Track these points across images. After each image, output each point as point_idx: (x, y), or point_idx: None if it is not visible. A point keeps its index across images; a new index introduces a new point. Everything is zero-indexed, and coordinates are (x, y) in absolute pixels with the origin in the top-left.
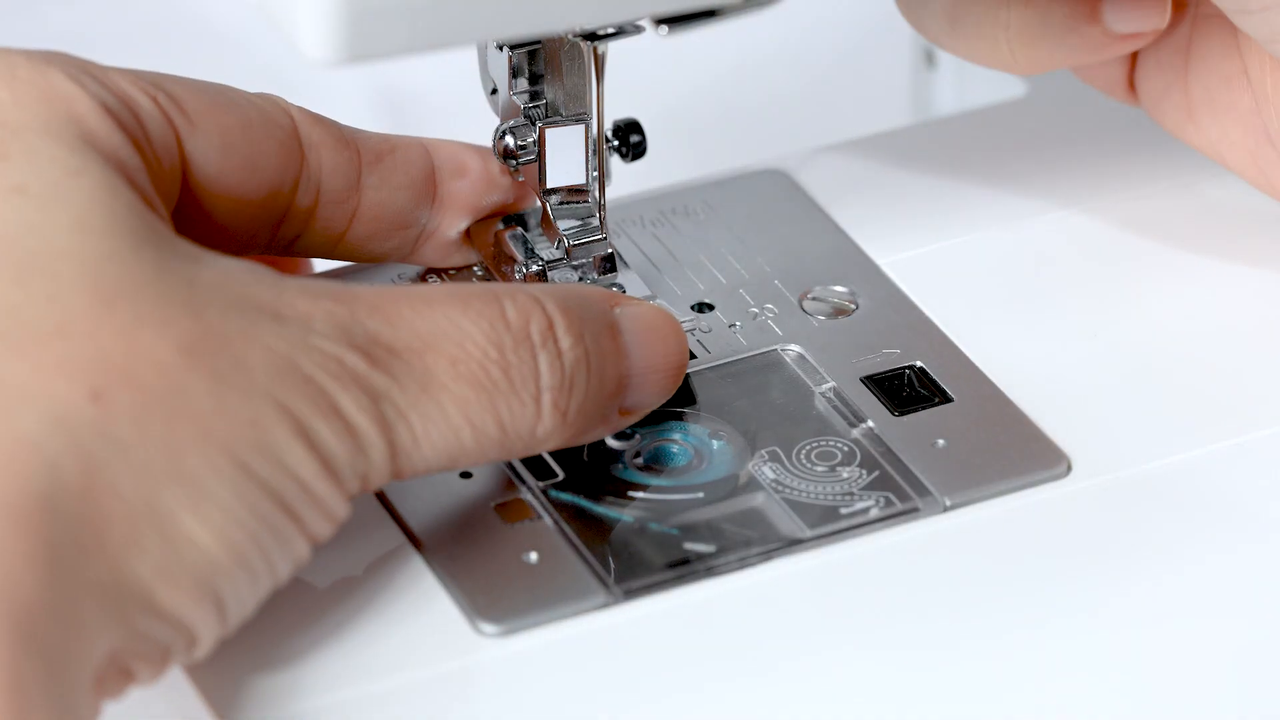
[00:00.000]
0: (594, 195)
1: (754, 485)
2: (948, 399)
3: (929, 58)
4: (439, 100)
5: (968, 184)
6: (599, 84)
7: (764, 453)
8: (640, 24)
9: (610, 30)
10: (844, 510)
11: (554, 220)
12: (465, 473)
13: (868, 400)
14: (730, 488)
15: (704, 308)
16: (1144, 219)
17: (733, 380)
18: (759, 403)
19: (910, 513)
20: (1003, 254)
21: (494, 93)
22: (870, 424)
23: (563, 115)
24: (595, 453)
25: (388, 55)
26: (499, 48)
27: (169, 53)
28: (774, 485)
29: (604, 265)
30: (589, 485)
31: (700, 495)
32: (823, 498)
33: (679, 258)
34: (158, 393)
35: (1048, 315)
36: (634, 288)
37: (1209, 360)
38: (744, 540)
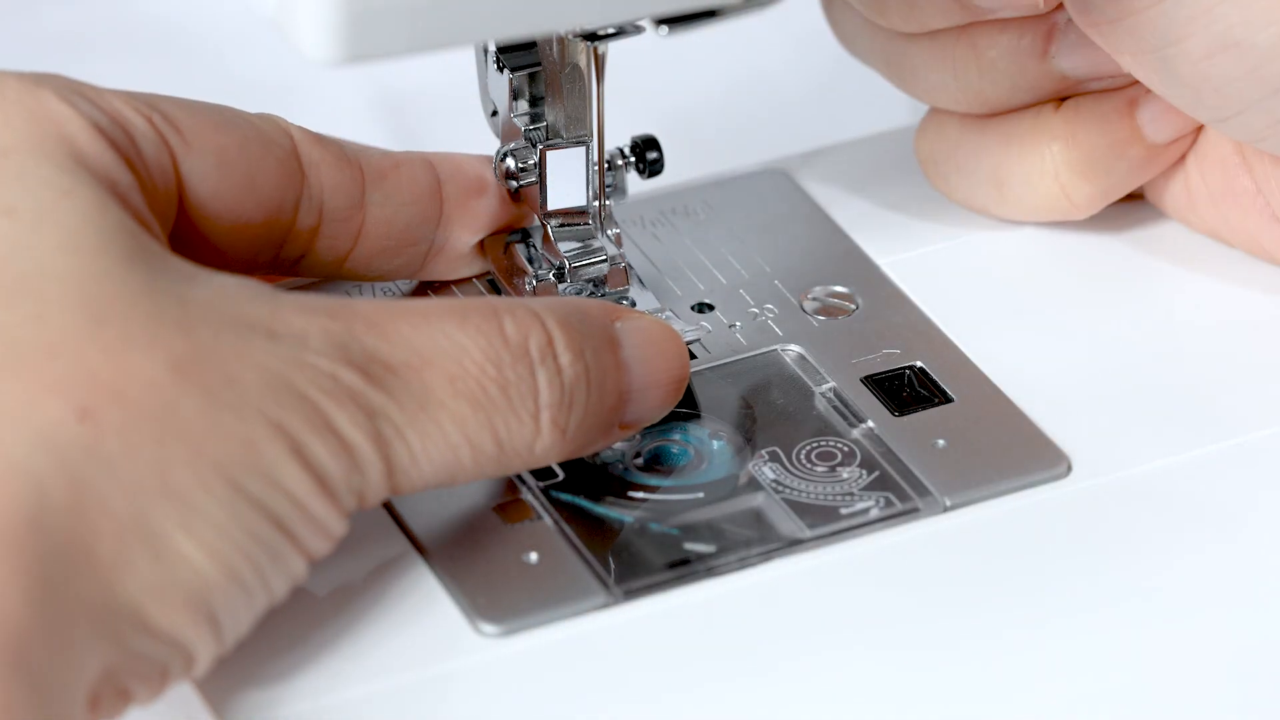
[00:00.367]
0: (594, 207)
1: (754, 485)
2: (948, 399)
3: None
4: (439, 101)
5: None
6: (599, 85)
7: (764, 453)
8: (640, 24)
9: (610, 30)
10: (844, 510)
11: (555, 241)
12: None
13: (868, 400)
14: (730, 488)
15: (704, 308)
16: (1145, 219)
17: (733, 380)
18: (759, 403)
19: (910, 513)
20: (1003, 254)
21: (494, 114)
22: (870, 424)
23: (563, 138)
24: (596, 454)
25: (388, 55)
26: (499, 69)
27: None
28: (774, 485)
29: (618, 279)
30: (589, 486)
31: (700, 495)
32: (823, 498)
33: (679, 258)
34: (147, 411)
35: (1048, 315)
36: (644, 302)
37: (1209, 361)
38: (744, 540)
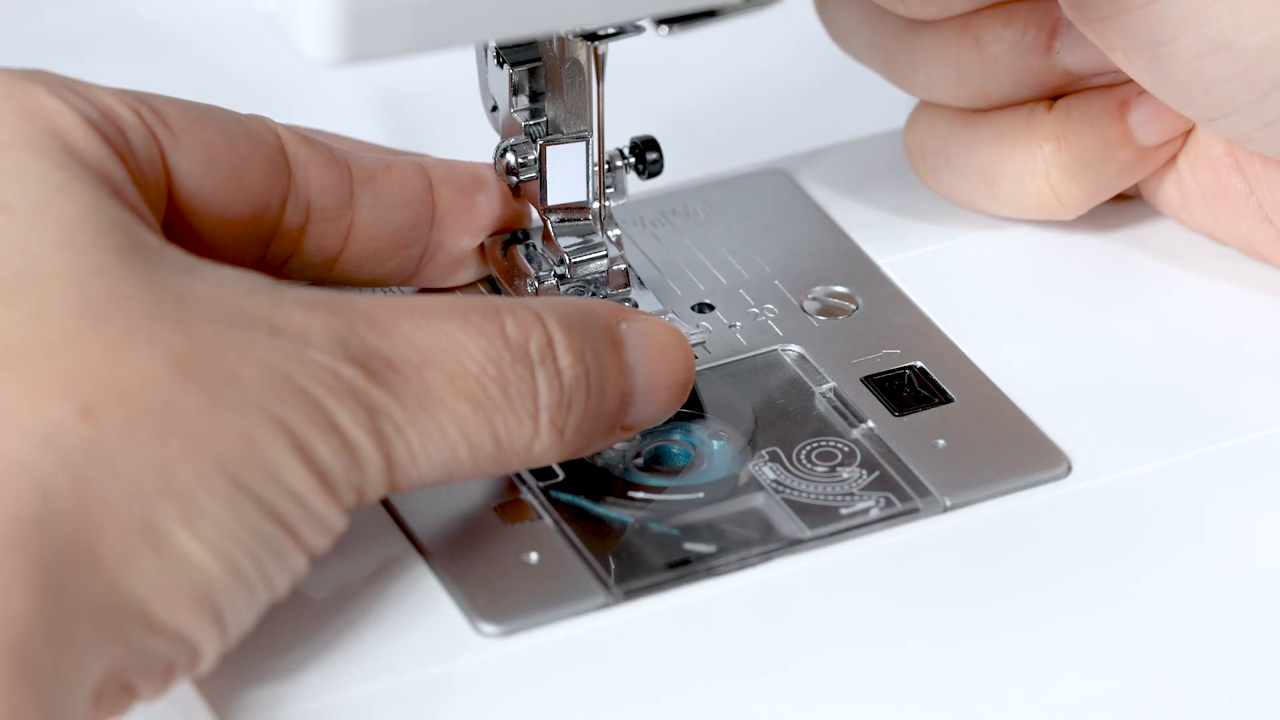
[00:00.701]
0: (593, 205)
1: (754, 485)
2: (948, 399)
3: None
4: (439, 101)
5: None
6: (599, 84)
7: (764, 453)
8: (640, 24)
9: (610, 30)
10: (844, 511)
11: (555, 237)
12: None
13: (868, 400)
14: (730, 488)
15: (704, 308)
16: (1145, 219)
17: (733, 380)
18: (759, 403)
19: (910, 513)
20: (1003, 254)
21: (494, 110)
22: (870, 424)
23: (563, 133)
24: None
25: (388, 55)
26: (499, 64)
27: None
28: (774, 485)
29: (618, 280)
30: (589, 486)
31: (700, 495)
32: (823, 498)
33: (679, 258)
34: (148, 408)
35: (1048, 315)
36: (646, 303)
37: (1210, 361)
38: (744, 541)
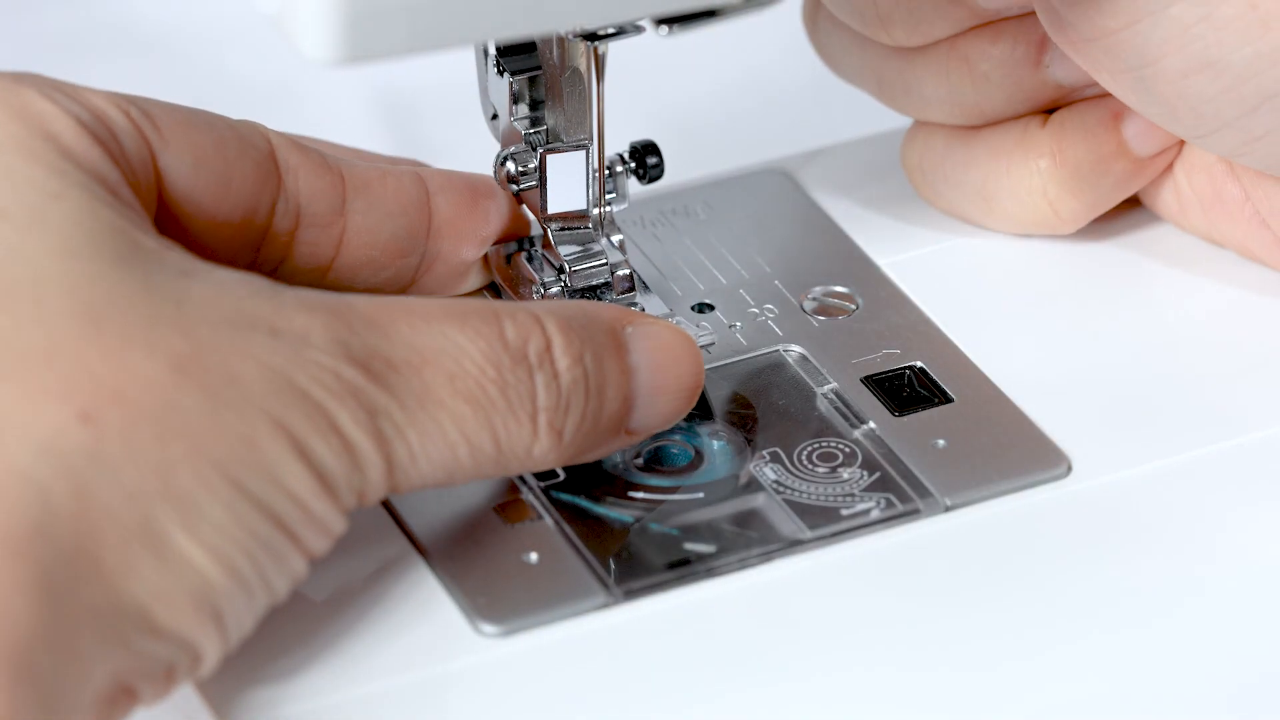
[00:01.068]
0: (594, 211)
1: (755, 486)
2: (948, 399)
3: None
4: (439, 101)
5: None
6: (599, 85)
7: (765, 453)
8: (640, 24)
9: (610, 30)
10: (845, 511)
11: (555, 245)
12: None
13: (868, 400)
14: (731, 488)
15: (704, 308)
16: (1145, 220)
17: (733, 381)
18: (760, 403)
19: (911, 514)
20: (1003, 254)
21: (494, 118)
22: (871, 425)
23: (564, 141)
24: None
25: (388, 55)
26: (499, 73)
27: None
28: (775, 486)
29: (623, 285)
30: (589, 486)
31: (701, 496)
32: (824, 499)
33: (679, 258)
34: (148, 411)
35: (1048, 315)
36: (652, 307)
37: (1210, 361)
38: (744, 541)
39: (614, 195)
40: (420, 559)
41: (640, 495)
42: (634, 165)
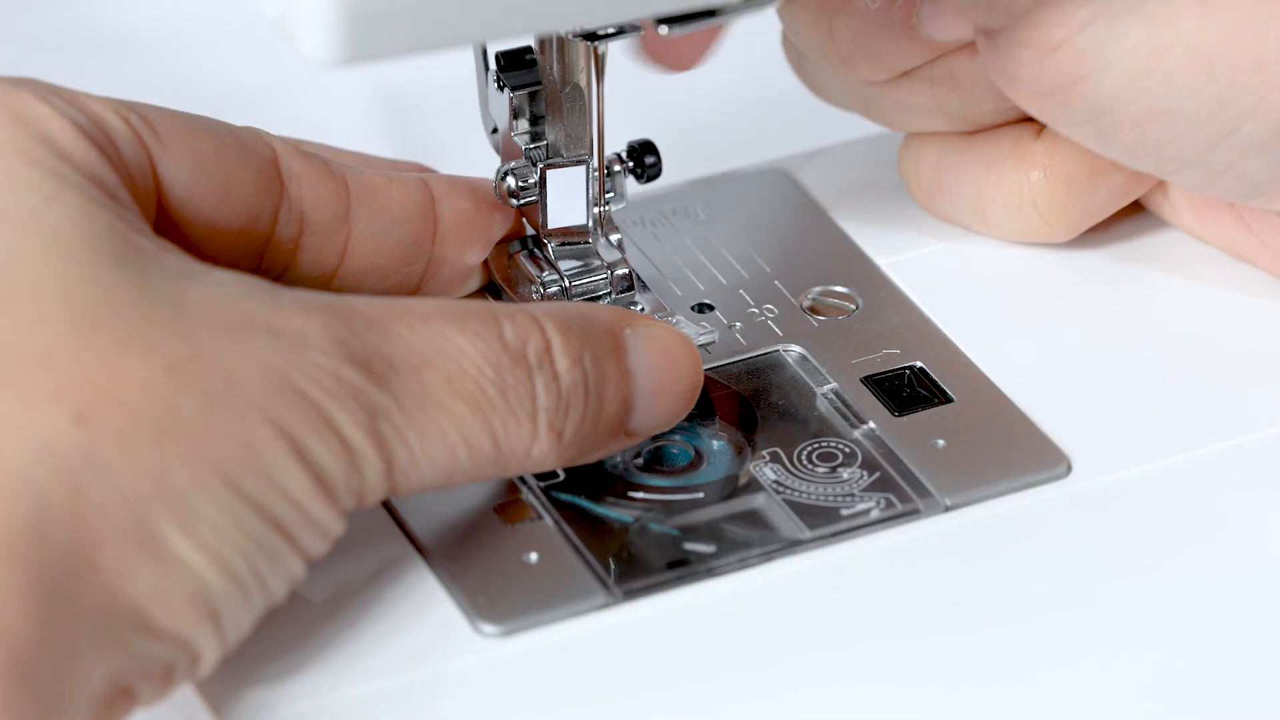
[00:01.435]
0: (594, 214)
1: (755, 486)
2: (948, 399)
3: None
4: (439, 101)
5: None
6: (599, 85)
7: (765, 453)
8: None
9: (610, 30)
10: (845, 511)
11: (554, 260)
12: None
13: (868, 400)
14: (731, 488)
15: (704, 308)
16: (1145, 221)
17: (733, 381)
18: (760, 403)
19: (911, 514)
20: (1003, 254)
21: (495, 132)
22: (871, 425)
23: (563, 156)
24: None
25: (388, 56)
26: (500, 88)
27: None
28: (775, 486)
29: (621, 284)
30: (589, 486)
31: (700, 496)
32: (823, 499)
33: (679, 258)
34: (144, 413)
35: (1048, 315)
36: (650, 307)
37: (1210, 361)
38: (744, 541)
39: (612, 195)
40: (420, 559)
41: (640, 495)
42: (632, 165)
